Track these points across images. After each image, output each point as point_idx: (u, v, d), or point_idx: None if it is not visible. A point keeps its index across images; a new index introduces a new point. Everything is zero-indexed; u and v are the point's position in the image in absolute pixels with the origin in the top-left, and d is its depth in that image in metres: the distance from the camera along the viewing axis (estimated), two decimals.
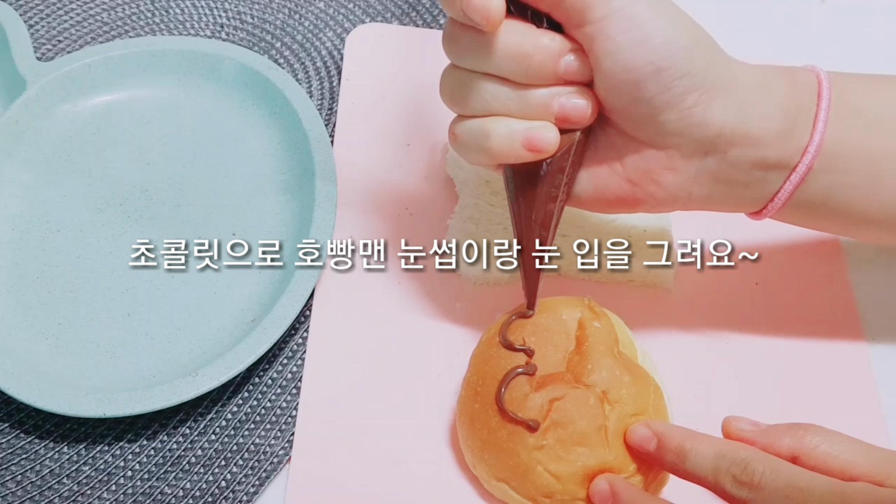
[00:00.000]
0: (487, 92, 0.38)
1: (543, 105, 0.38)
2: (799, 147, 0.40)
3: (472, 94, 0.38)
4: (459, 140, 0.40)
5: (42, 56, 0.60)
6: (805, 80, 0.41)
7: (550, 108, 0.38)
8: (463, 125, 0.39)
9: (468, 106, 0.39)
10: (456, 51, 0.38)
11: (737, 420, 0.38)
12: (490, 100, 0.38)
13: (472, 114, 0.39)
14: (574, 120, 0.38)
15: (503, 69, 0.37)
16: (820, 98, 0.40)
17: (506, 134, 0.38)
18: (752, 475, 0.34)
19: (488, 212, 0.51)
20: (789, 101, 0.40)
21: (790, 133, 0.39)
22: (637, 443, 0.39)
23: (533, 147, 0.38)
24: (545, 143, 0.38)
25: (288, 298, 0.47)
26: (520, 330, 0.43)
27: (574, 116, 0.38)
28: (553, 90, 0.38)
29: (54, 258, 0.51)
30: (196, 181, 0.54)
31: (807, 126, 0.40)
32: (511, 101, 0.38)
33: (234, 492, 0.44)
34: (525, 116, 0.38)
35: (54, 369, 0.46)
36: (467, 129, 0.39)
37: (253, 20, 0.63)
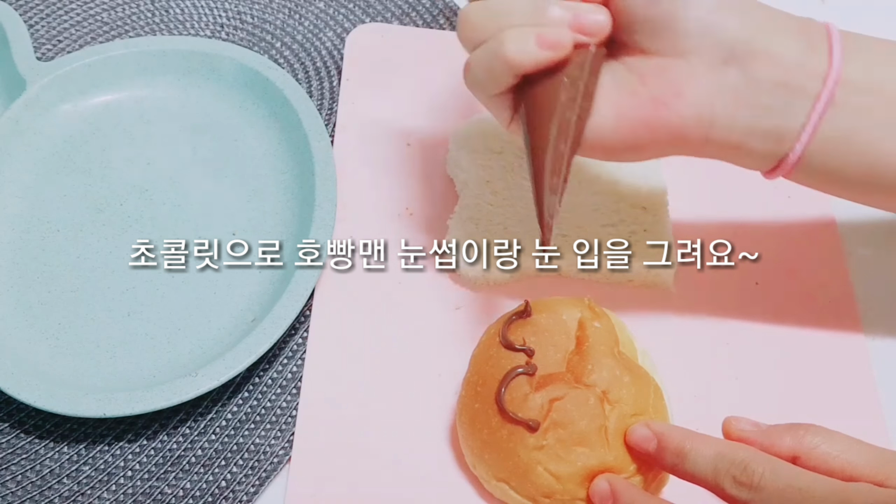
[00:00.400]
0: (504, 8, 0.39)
1: (560, 20, 0.38)
2: (819, 74, 0.39)
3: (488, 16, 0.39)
4: (473, 65, 0.40)
5: (42, 56, 0.60)
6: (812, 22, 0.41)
7: (566, 19, 0.38)
8: (478, 49, 0.39)
9: (485, 29, 0.39)
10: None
11: (737, 420, 0.38)
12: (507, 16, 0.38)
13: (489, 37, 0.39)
14: (590, 31, 0.39)
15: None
16: (830, 33, 0.40)
17: (519, 35, 0.38)
18: (752, 476, 0.34)
19: (488, 212, 0.51)
20: (802, 29, 0.40)
21: (808, 57, 0.39)
22: (637, 443, 0.39)
23: (546, 43, 0.38)
24: (560, 41, 0.38)
25: (288, 298, 0.47)
26: (520, 330, 0.43)
27: (590, 28, 0.39)
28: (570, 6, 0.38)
29: (54, 258, 0.51)
30: (196, 181, 0.54)
31: (823, 56, 0.40)
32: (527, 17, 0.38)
33: (234, 492, 0.44)
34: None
35: (54, 369, 0.46)
36: (483, 49, 0.39)
37: (253, 20, 0.63)
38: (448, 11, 0.63)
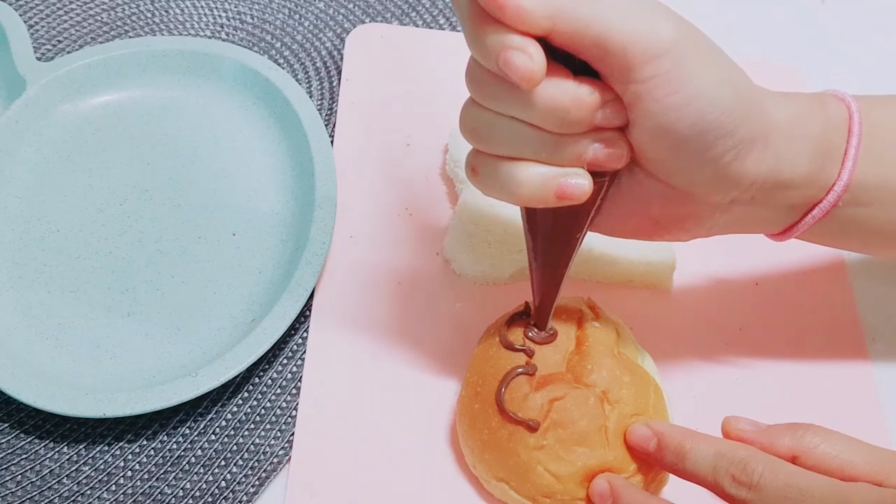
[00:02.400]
0: (518, 138, 0.35)
1: (577, 153, 0.36)
2: (826, 185, 0.39)
3: (499, 137, 0.36)
4: (482, 178, 0.37)
5: (42, 56, 0.60)
6: (836, 115, 0.39)
7: (584, 156, 0.36)
8: (486, 164, 0.36)
9: (494, 147, 0.36)
10: (483, 95, 0.35)
11: (736, 420, 0.38)
12: (520, 146, 0.35)
13: (497, 154, 0.36)
14: (607, 167, 0.36)
15: (536, 120, 0.35)
16: (850, 134, 0.39)
17: (539, 183, 0.35)
18: (751, 475, 0.34)
19: (488, 212, 0.51)
20: (821, 142, 0.39)
21: (819, 173, 0.39)
22: (637, 442, 0.39)
23: (566, 196, 0.36)
24: (578, 192, 0.36)
25: (288, 298, 0.47)
26: (520, 330, 0.43)
27: (608, 164, 0.36)
28: (587, 139, 0.36)
29: (54, 258, 0.51)
30: (196, 181, 0.54)
31: (836, 165, 0.39)
32: (544, 149, 0.35)
33: (234, 492, 0.44)
34: (556, 163, 0.36)
35: (54, 369, 0.46)
36: (492, 171, 0.36)
37: (253, 20, 0.63)
38: (448, 11, 0.63)
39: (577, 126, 0.35)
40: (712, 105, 0.34)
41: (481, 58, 0.34)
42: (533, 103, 0.34)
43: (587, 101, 0.34)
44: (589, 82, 0.34)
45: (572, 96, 0.34)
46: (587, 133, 0.35)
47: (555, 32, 0.33)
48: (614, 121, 0.35)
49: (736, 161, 0.36)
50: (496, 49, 0.32)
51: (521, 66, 0.32)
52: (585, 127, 0.35)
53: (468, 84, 0.36)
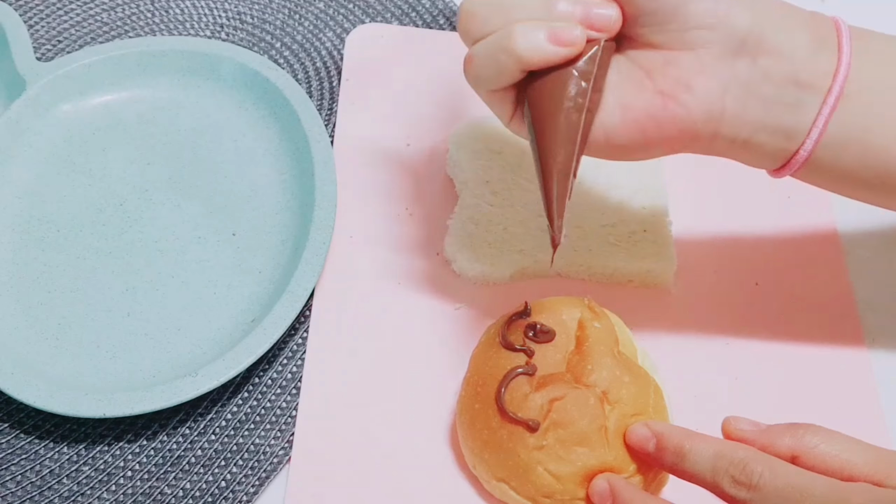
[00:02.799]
0: (511, 2, 0.37)
1: (569, 15, 0.37)
2: (829, 71, 0.39)
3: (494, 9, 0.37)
4: (477, 58, 0.38)
5: (42, 56, 0.60)
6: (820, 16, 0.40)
7: (574, 15, 0.37)
8: (481, 43, 0.38)
9: (490, 23, 0.38)
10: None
11: (736, 420, 0.38)
12: (513, 10, 0.37)
13: (493, 30, 0.38)
14: (600, 26, 0.38)
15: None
16: (839, 29, 0.40)
17: (531, 31, 0.36)
18: (751, 475, 0.34)
19: (488, 212, 0.51)
20: (812, 23, 0.39)
21: (818, 53, 0.39)
22: (636, 443, 0.39)
23: (559, 40, 0.37)
24: (572, 37, 0.37)
25: (288, 298, 0.47)
26: (520, 330, 0.43)
27: (600, 23, 0.37)
28: (579, 1, 0.37)
29: (54, 258, 0.51)
30: (196, 181, 0.54)
31: (833, 52, 0.39)
32: (536, 11, 0.37)
33: (234, 492, 0.44)
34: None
35: (54, 369, 0.46)
36: (487, 43, 0.37)
37: (253, 20, 0.63)
38: (448, 11, 0.63)
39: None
40: None
41: None
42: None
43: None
44: None
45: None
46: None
47: None
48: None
49: (723, 3, 0.37)
50: None
51: None
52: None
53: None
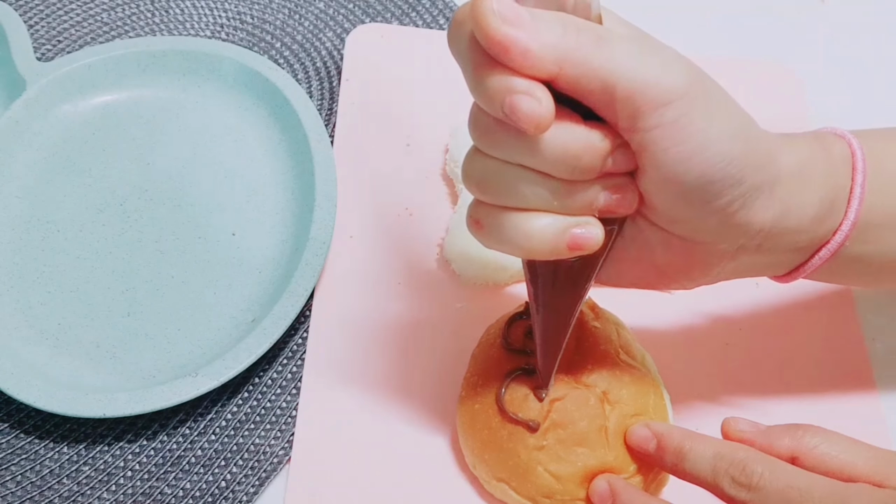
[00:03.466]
0: (526, 187, 0.33)
1: (588, 201, 0.34)
2: (833, 225, 0.38)
3: (507, 187, 0.34)
4: (487, 232, 0.35)
5: (42, 56, 0.60)
6: (839, 154, 0.38)
7: (596, 203, 0.34)
8: (492, 216, 0.35)
9: (501, 198, 0.34)
10: (489, 143, 0.34)
11: (736, 421, 0.38)
12: (530, 195, 0.34)
13: (504, 205, 0.34)
14: (618, 213, 0.35)
15: (545, 167, 0.33)
16: (855, 172, 0.38)
17: (550, 234, 0.34)
18: (751, 476, 0.34)
19: None
20: (827, 184, 0.38)
21: (826, 215, 0.38)
22: (637, 443, 0.39)
23: (578, 247, 0.34)
24: (592, 242, 0.34)
25: (288, 298, 0.47)
26: (520, 330, 0.43)
27: (619, 210, 0.35)
28: (598, 185, 0.34)
29: (54, 258, 0.51)
30: (196, 181, 0.54)
31: (842, 205, 0.38)
32: (553, 197, 0.34)
33: (234, 492, 0.44)
34: (567, 212, 0.34)
35: (54, 369, 0.46)
36: (499, 223, 0.34)
37: (253, 20, 0.63)
38: (448, 12, 0.63)
39: (587, 172, 0.33)
40: (719, 156, 0.33)
41: (485, 104, 0.32)
42: (542, 150, 0.32)
43: (598, 146, 0.33)
44: (598, 127, 0.33)
45: (583, 142, 0.33)
46: (597, 179, 0.34)
47: (561, 77, 0.31)
48: (624, 166, 0.34)
49: (742, 210, 0.35)
50: (501, 94, 0.31)
51: (529, 111, 0.31)
52: (596, 173, 0.34)
53: (472, 132, 0.34)
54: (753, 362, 0.48)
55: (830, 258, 0.39)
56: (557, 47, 0.31)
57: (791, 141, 0.38)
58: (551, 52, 0.30)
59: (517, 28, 0.30)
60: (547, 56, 0.30)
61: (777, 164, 0.36)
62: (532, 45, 0.30)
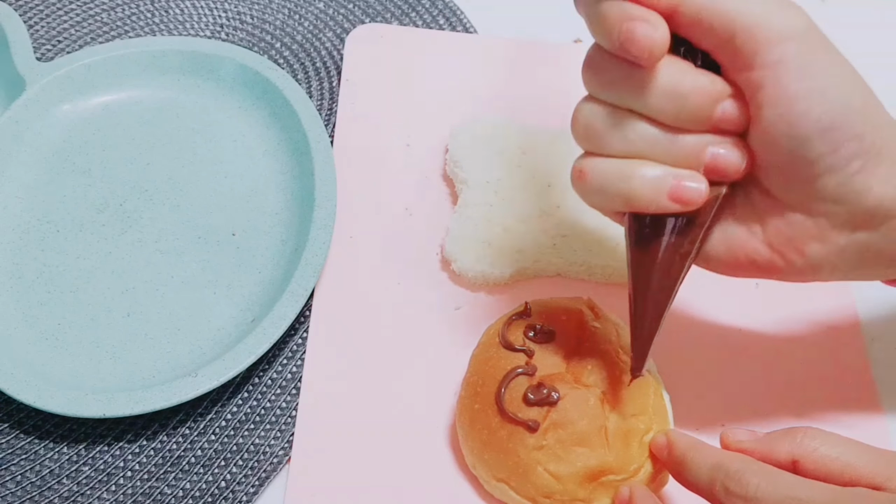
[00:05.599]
0: (634, 132, 0.33)
1: (694, 153, 0.33)
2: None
3: (614, 132, 0.33)
4: (590, 180, 0.35)
5: (42, 56, 0.60)
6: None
7: (701, 156, 0.34)
8: (596, 164, 0.34)
9: (608, 145, 0.34)
10: (600, 82, 0.34)
11: (734, 432, 0.38)
12: (636, 141, 0.33)
13: (611, 153, 0.34)
14: (725, 173, 0.34)
15: (654, 108, 0.33)
16: None
17: (651, 181, 0.33)
18: (746, 487, 0.34)
19: (488, 212, 0.51)
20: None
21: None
22: (655, 451, 0.40)
23: (680, 199, 0.34)
24: (694, 196, 0.34)
25: (288, 298, 0.47)
26: (520, 330, 0.43)
27: (726, 169, 0.34)
28: (705, 138, 0.34)
29: (54, 258, 0.51)
30: (196, 181, 0.54)
31: None
32: (659, 144, 0.33)
33: (233, 492, 0.44)
34: (671, 163, 0.34)
35: (54, 369, 0.46)
36: (603, 170, 0.34)
37: (253, 20, 0.63)
38: (448, 12, 0.63)
39: (696, 117, 0.33)
40: (840, 100, 0.32)
41: (602, 33, 0.32)
42: (652, 87, 0.32)
43: (708, 89, 0.32)
44: (710, 73, 0.33)
45: (692, 82, 0.32)
46: (705, 133, 0.34)
47: (680, 10, 0.31)
48: (735, 117, 0.33)
49: (862, 173, 0.33)
50: (618, 21, 0.31)
51: (644, 37, 0.31)
52: (704, 121, 0.33)
53: (584, 74, 0.34)
54: (753, 362, 0.48)
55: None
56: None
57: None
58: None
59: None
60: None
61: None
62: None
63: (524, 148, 0.53)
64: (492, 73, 0.59)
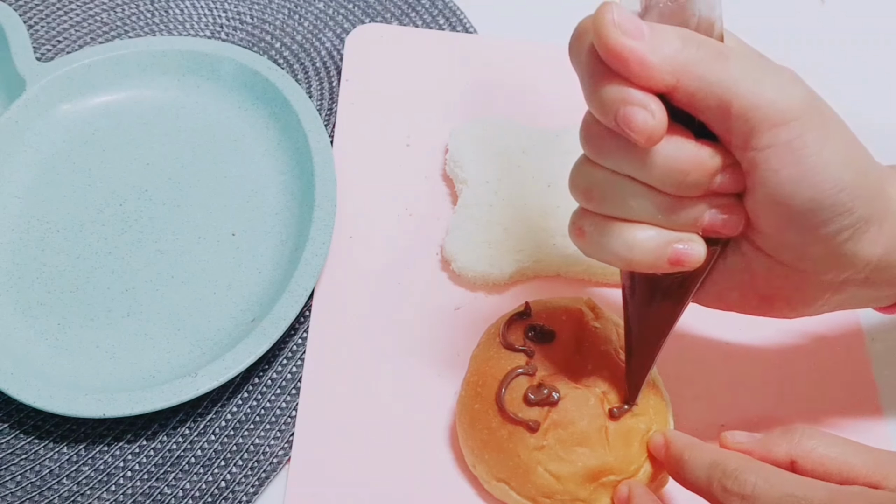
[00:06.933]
0: (633, 198, 0.34)
1: (693, 218, 0.34)
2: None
3: (613, 197, 0.34)
4: (590, 240, 0.36)
5: (42, 56, 0.60)
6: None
7: (701, 221, 0.35)
8: (596, 225, 0.35)
9: (607, 208, 0.35)
10: (598, 151, 0.34)
11: (732, 434, 0.38)
12: (635, 207, 0.34)
13: (610, 215, 0.35)
14: (723, 233, 0.35)
15: (653, 179, 0.33)
16: None
17: (652, 246, 0.34)
18: (743, 486, 0.34)
19: (488, 212, 0.51)
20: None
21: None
22: (653, 450, 0.40)
23: (679, 262, 0.35)
24: (693, 259, 0.35)
25: (288, 298, 0.47)
26: (520, 330, 0.43)
27: (724, 231, 0.35)
28: (704, 203, 0.34)
29: (54, 258, 0.51)
30: (196, 181, 0.54)
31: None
32: (658, 210, 0.34)
33: (233, 492, 0.44)
34: (671, 227, 0.35)
35: (54, 369, 0.46)
36: (602, 232, 0.35)
37: (253, 20, 0.63)
38: (448, 12, 0.63)
39: (694, 189, 0.34)
40: (831, 182, 0.33)
41: (599, 113, 0.33)
42: (651, 163, 0.33)
43: (707, 164, 0.33)
44: (709, 145, 0.33)
45: (692, 158, 0.33)
46: (704, 197, 0.34)
47: (678, 90, 0.31)
48: (732, 186, 0.34)
49: (850, 241, 0.34)
50: (615, 104, 0.31)
51: (642, 124, 0.31)
52: (703, 190, 0.34)
53: (583, 140, 0.35)
54: (753, 362, 0.48)
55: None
56: (676, 60, 0.31)
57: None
58: (669, 65, 0.31)
59: (636, 40, 0.31)
60: (665, 68, 0.31)
61: (888, 197, 0.35)
62: (650, 56, 0.31)
63: (524, 148, 0.53)
64: (492, 73, 0.59)
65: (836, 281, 0.37)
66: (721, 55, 0.32)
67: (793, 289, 0.37)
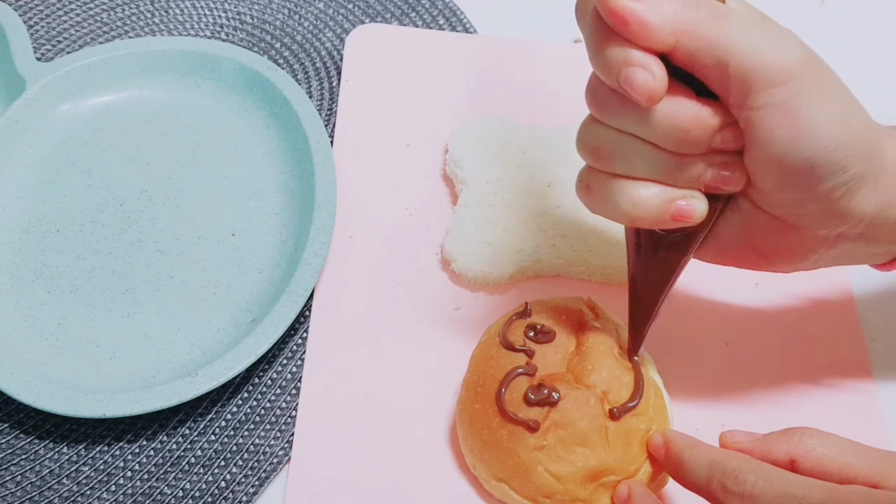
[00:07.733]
0: (637, 156, 0.35)
1: (695, 175, 0.35)
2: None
3: (618, 155, 0.35)
4: (596, 196, 0.37)
5: (42, 56, 0.60)
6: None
7: (703, 178, 0.36)
8: (602, 182, 0.36)
9: (612, 165, 0.36)
10: (603, 110, 0.35)
11: (732, 434, 0.38)
12: (639, 165, 0.35)
13: (615, 173, 0.36)
14: (724, 190, 0.36)
15: (655, 137, 0.34)
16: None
17: (656, 202, 0.35)
18: (743, 485, 0.34)
19: (488, 212, 0.51)
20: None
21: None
22: (653, 450, 0.40)
23: (682, 218, 0.36)
24: (696, 215, 0.36)
25: (288, 298, 0.47)
26: (520, 330, 0.43)
27: (725, 187, 0.36)
28: (706, 160, 0.35)
29: (54, 258, 0.51)
30: (196, 181, 0.54)
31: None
32: (662, 168, 0.35)
33: (233, 492, 0.44)
34: (674, 184, 0.36)
35: (54, 369, 0.46)
36: (608, 188, 0.36)
37: (253, 20, 0.63)
38: (448, 12, 0.63)
39: (695, 146, 0.35)
40: (826, 141, 0.33)
41: (602, 73, 0.34)
42: (653, 121, 0.34)
43: (707, 122, 0.34)
44: (709, 104, 0.34)
45: (693, 116, 0.34)
46: (706, 154, 0.35)
47: (677, 50, 0.32)
48: (733, 144, 0.35)
49: (845, 198, 0.35)
50: (617, 65, 0.32)
51: (642, 84, 0.32)
52: (703, 148, 0.35)
53: (588, 100, 0.36)
54: (753, 362, 0.48)
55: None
56: (675, 20, 0.32)
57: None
58: (669, 25, 0.32)
59: (636, 1, 0.32)
60: (664, 28, 0.32)
61: (883, 154, 0.36)
62: (650, 16, 0.31)
63: (524, 148, 0.53)
64: (492, 73, 0.59)
65: (832, 235, 0.37)
66: (720, 16, 0.32)
67: (789, 244, 0.38)
